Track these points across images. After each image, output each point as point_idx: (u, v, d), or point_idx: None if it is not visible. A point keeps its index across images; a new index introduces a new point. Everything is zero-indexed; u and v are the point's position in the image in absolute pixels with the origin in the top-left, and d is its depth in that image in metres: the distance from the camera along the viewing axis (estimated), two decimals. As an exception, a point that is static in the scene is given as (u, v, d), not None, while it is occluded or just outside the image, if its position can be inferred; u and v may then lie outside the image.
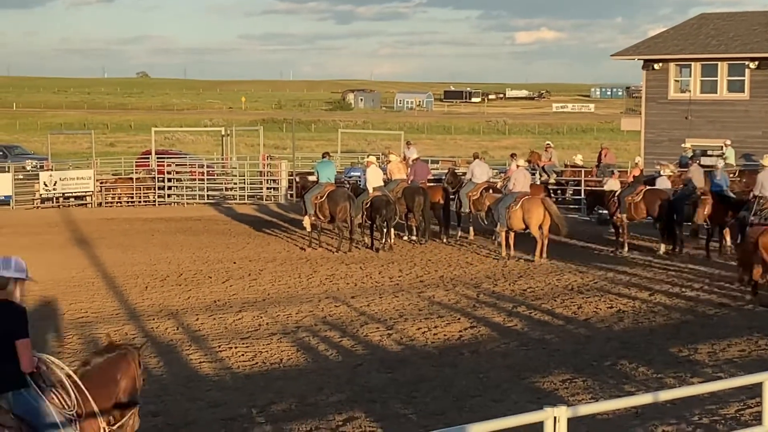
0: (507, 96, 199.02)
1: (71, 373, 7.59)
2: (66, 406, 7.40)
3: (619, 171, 29.74)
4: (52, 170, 40.01)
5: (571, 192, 34.91)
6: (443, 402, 11.70)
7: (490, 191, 26.80)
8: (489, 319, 16.62)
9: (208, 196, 40.60)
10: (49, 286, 19.86)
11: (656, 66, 36.80)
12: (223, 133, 48.88)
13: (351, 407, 11.37)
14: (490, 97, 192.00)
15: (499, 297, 18.71)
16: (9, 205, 37.33)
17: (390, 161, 28.24)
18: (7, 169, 39.88)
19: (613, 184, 26.13)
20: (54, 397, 7.41)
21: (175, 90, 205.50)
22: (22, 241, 27.65)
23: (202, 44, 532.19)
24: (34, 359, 7.49)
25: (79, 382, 7.53)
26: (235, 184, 42.30)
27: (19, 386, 7.30)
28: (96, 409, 7.56)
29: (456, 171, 30.96)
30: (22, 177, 41.13)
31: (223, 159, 46.25)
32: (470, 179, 27.87)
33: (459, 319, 16.63)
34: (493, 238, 25.72)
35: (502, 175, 30.50)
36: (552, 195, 31.17)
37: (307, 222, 25.85)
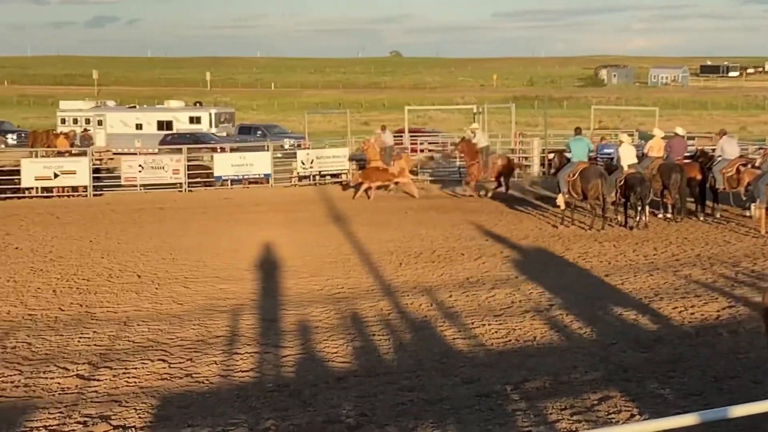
0: (766, 70, 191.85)
1: None
2: None
3: None
4: (309, 149, 41.09)
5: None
6: (701, 382, 11.40)
7: (749, 167, 26.01)
8: (748, 298, 16.09)
9: (460, 173, 40.80)
10: (306, 261, 20.44)
11: None
12: (474, 110, 48.98)
13: (606, 386, 11.23)
14: (749, 71, 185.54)
15: (759, 276, 18.08)
16: (268, 182, 38.52)
17: (654, 136, 28.34)
18: (266, 148, 41.10)
19: None
20: None
21: (427, 68, 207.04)
22: (279, 218, 28.53)
23: (455, 23, 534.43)
24: None
25: None
26: (487, 161, 42.36)
27: None
28: None
29: (705, 149, 30.17)
30: (280, 155, 42.29)
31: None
32: (721, 156, 27.12)
33: (716, 298, 16.17)
34: (750, 215, 24.97)
35: (761, 151, 29.56)
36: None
37: (561, 200, 25.73)
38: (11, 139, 68.32)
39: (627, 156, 25.56)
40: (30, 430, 9.36)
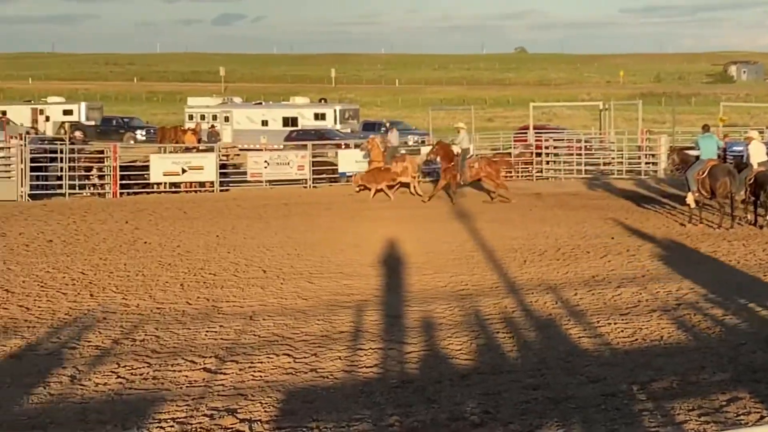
0: None
1: None
2: None
3: None
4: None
5: None
6: (835, 386, 11.09)
7: None
8: None
9: (585, 171, 40.43)
10: (429, 258, 20.43)
11: None
12: (600, 107, 48.50)
13: (734, 387, 10.99)
14: None
15: None
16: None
17: None
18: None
19: None
20: None
21: (552, 64, 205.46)
22: (402, 214, 28.60)
23: (580, 18, 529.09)
24: None
25: None
26: (613, 159, 41.91)
27: None
28: None
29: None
30: (404, 152, 42.37)
31: (600, 134, 45.90)
32: None
33: None
34: None
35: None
36: None
37: (690, 198, 25.37)
38: (140, 135, 69.81)
39: (757, 154, 25.07)
40: (158, 422, 9.51)
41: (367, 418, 9.75)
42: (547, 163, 41.70)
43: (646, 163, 40.55)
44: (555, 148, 42.44)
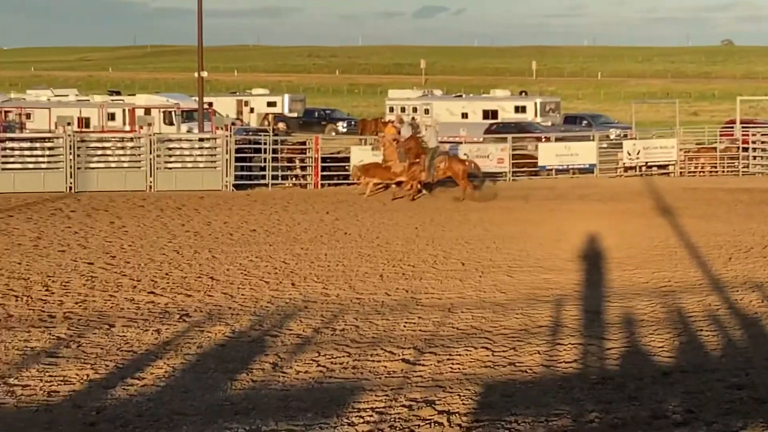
0: None
1: None
2: None
3: None
4: (635, 139, 40.43)
5: None
6: None
7: None
8: None
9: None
10: (630, 253, 20.09)
11: None
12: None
13: None
14: None
15: None
16: (592, 172, 38.17)
17: None
18: (591, 138, 40.73)
19: None
20: None
21: (760, 57, 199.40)
22: (603, 208, 28.22)
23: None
24: None
25: None
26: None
27: None
28: None
29: None
30: (605, 146, 41.79)
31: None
32: None
33: None
34: None
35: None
36: None
37: None
38: (341, 126, 70.80)
39: None
40: (357, 411, 9.60)
41: (566, 413, 9.64)
42: (754, 158, 40.52)
43: None
44: (763, 143, 41.17)
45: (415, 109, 66.49)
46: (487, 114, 63.85)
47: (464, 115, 64.58)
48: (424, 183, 31.55)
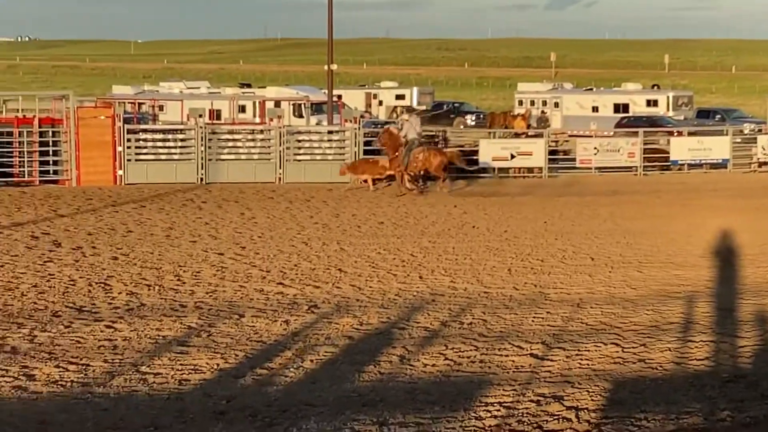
0: None
1: None
2: None
3: None
4: (770, 134, 39.59)
5: None
6: None
7: None
8: None
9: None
10: (765, 250, 19.66)
11: None
12: None
13: None
14: None
15: None
16: (726, 168, 37.46)
17: None
18: (725, 133, 39.99)
19: None
20: None
21: None
22: (736, 204, 27.70)
23: None
24: None
25: None
26: None
27: None
28: None
29: None
30: (739, 140, 40.99)
31: None
32: None
33: None
34: None
35: None
36: None
37: None
38: (470, 120, 70.64)
39: None
40: (485, 405, 9.55)
41: (697, 411, 9.46)
42: None
43: None
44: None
45: (544, 102, 66.12)
46: (618, 107, 63.18)
47: (594, 109, 64.00)
48: (415, 176, 31.42)
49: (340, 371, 10.85)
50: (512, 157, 36.00)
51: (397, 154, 30.92)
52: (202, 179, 32.93)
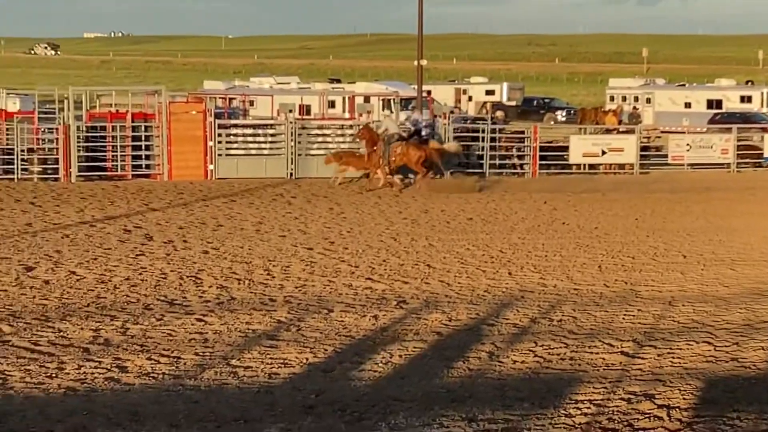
0: None
1: None
2: None
3: None
4: None
5: None
6: None
7: None
8: None
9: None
10: None
11: None
12: None
13: None
14: None
15: None
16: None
17: None
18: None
19: None
20: None
21: None
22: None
23: None
24: None
25: None
26: None
27: None
28: None
29: None
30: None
31: None
32: None
33: None
34: None
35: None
36: None
37: None
38: (560, 115, 70.21)
39: None
40: (575, 403, 9.47)
41: (792, 414, 9.28)
42: None
43: None
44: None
45: (636, 98, 65.44)
46: (711, 104, 62.28)
47: (687, 105, 63.16)
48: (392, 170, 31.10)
49: (428, 367, 10.83)
50: (603, 153, 35.68)
51: (375, 148, 30.85)
52: (291, 174, 33.09)
